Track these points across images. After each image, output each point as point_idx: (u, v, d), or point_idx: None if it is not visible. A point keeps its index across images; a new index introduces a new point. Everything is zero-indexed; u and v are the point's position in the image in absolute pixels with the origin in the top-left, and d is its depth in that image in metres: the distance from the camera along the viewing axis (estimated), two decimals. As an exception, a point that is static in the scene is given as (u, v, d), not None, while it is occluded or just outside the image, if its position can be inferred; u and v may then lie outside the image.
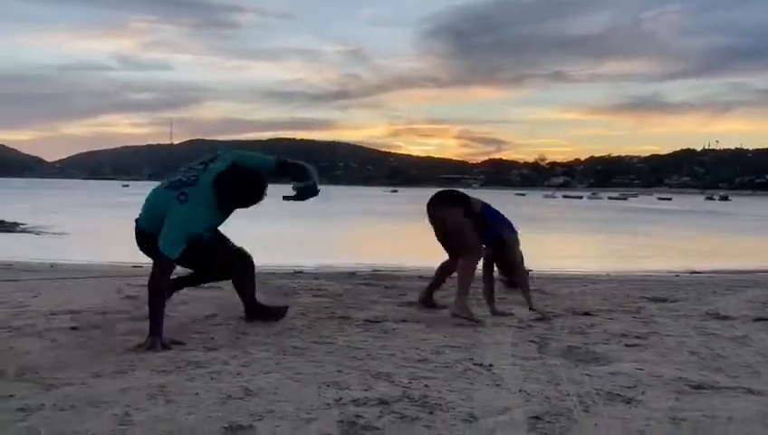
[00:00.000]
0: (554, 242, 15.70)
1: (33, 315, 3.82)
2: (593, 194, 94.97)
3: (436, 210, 4.29)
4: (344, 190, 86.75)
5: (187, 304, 4.42)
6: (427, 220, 4.34)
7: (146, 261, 3.49)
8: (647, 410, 2.36)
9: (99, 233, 15.94)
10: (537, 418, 2.22)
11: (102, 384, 2.47)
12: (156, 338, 3.07)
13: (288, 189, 3.54)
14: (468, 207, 4.21)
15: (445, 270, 4.54)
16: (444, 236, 4.32)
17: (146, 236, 3.35)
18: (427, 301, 4.51)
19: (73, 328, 3.46)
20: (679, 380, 2.77)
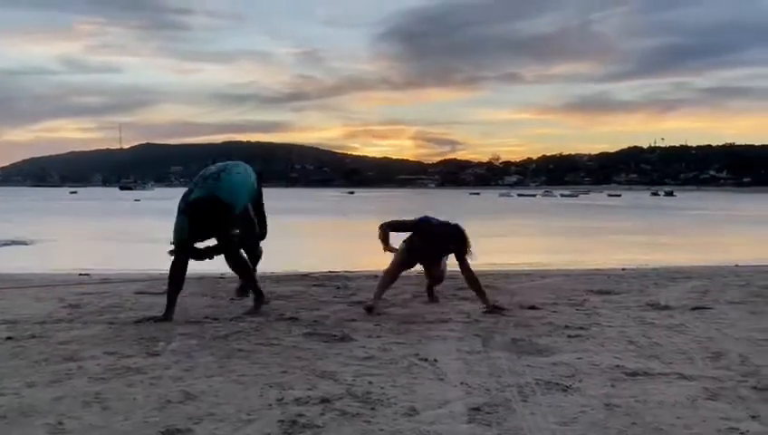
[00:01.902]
0: (507, 239, 15.96)
1: (-33, 327, 3.67)
2: (546, 192, 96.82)
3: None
4: (298, 193, 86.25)
5: (132, 309, 4.33)
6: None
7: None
8: (582, 397, 2.43)
9: (47, 241, 15.40)
10: (476, 409, 2.27)
11: (36, 394, 2.40)
12: None
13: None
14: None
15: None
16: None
17: None
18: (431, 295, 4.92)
19: (9, 338, 3.34)
20: (616, 368, 2.86)
